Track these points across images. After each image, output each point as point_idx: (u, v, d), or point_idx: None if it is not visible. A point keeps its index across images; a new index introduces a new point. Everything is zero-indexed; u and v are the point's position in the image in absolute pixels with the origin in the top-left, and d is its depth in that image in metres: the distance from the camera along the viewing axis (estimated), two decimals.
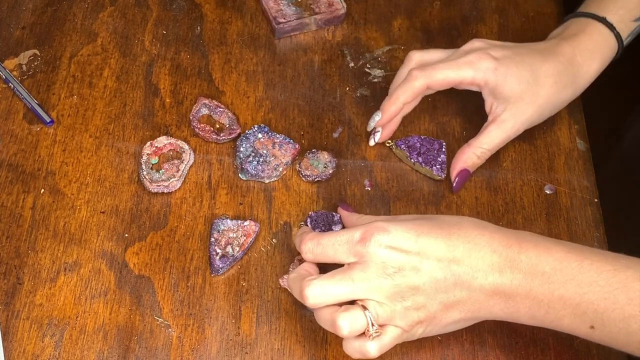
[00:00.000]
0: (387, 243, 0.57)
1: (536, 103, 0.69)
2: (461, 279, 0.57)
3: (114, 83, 0.78)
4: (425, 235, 0.58)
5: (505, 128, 0.70)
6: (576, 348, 0.65)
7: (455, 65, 0.69)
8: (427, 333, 0.60)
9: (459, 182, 0.71)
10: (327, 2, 0.82)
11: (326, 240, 0.59)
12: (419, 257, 0.57)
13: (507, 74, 0.68)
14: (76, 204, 0.70)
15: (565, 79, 0.70)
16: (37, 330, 0.64)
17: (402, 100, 0.70)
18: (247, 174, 0.72)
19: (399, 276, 0.57)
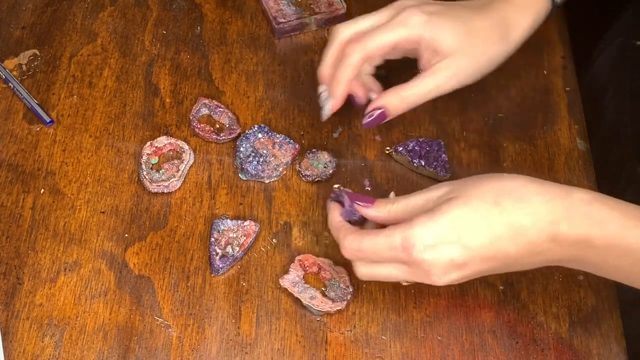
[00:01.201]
0: (431, 246, 0.57)
1: (471, 54, 0.68)
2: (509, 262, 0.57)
3: (114, 83, 0.78)
4: (466, 231, 0.56)
5: (438, 77, 0.68)
6: (576, 348, 0.65)
7: (387, 27, 0.67)
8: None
9: (371, 120, 0.68)
10: (327, 2, 0.82)
11: (367, 246, 0.59)
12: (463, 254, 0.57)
13: (440, 27, 0.67)
14: (76, 204, 0.70)
15: (498, 33, 0.69)
16: (37, 330, 0.64)
17: (346, 79, 0.68)
18: (247, 174, 0.72)
19: (444, 278, 0.58)
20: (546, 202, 0.56)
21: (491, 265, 0.58)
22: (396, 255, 0.58)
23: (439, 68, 0.68)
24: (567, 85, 0.80)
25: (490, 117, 0.78)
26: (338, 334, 0.65)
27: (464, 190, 0.58)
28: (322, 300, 0.65)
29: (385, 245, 0.58)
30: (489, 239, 0.56)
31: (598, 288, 0.68)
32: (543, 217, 0.56)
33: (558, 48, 0.82)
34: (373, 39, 0.67)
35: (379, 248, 0.58)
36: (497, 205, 0.57)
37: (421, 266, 0.57)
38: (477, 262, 0.57)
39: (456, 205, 0.57)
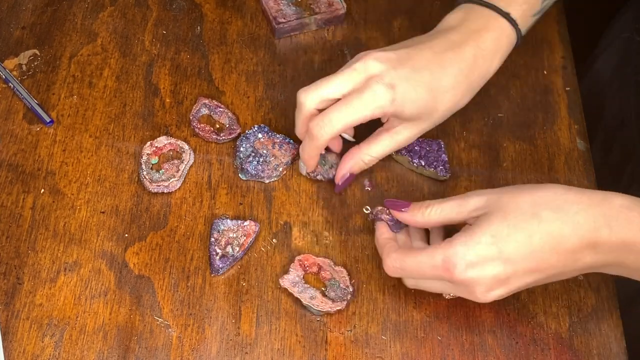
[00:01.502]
0: (473, 264, 0.57)
1: (432, 119, 0.69)
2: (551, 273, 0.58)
3: (114, 83, 0.78)
4: (507, 245, 0.57)
5: (398, 139, 0.69)
6: (576, 348, 0.65)
7: (351, 109, 0.65)
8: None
9: (343, 184, 0.71)
10: (327, 2, 0.82)
11: (409, 265, 0.61)
12: (505, 269, 0.58)
13: (404, 101, 0.66)
14: (76, 204, 0.70)
15: (464, 88, 0.69)
16: (37, 330, 0.64)
17: (314, 155, 0.69)
18: (248, 174, 0.72)
19: (489, 295, 0.59)
20: (585, 210, 0.57)
21: (534, 277, 0.58)
22: (438, 275, 0.59)
23: (398, 132, 0.69)
24: (567, 85, 0.80)
25: (490, 117, 0.78)
26: (338, 334, 0.65)
27: (500, 203, 0.59)
28: (322, 300, 0.65)
29: (428, 265, 0.59)
30: (531, 252, 0.57)
31: (598, 288, 0.68)
32: (582, 225, 0.56)
33: (558, 48, 0.82)
34: (338, 120, 0.65)
35: (421, 267, 0.60)
36: (536, 217, 0.57)
37: (464, 284, 0.58)
38: (520, 275, 0.58)
39: (495, 221, 0.58)
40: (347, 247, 0.69)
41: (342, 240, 0.70)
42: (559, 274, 0.59)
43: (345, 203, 0.72)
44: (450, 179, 0.73)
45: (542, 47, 0.82)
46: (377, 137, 0.69)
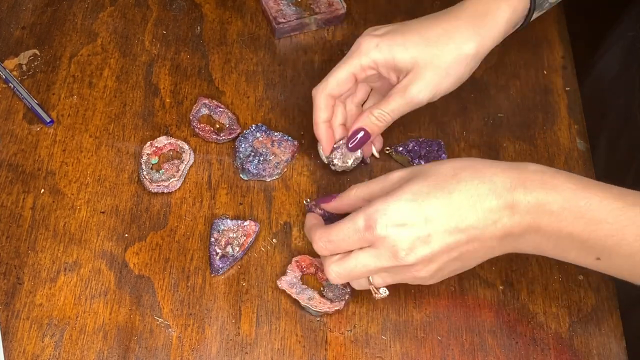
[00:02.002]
0: (392, 222, 0.57)
1: (434, 64, 0.66)
2: (471, 234, 0.57)
3: (114, 83, 0.78)
4: (427, 202, 0.57)
5: (408, 94, 0.67)
6: (576, 348, 0.65)
7: (343, 62, 0.68)
8: (442, 278, 0.61)
9: (357, 142, 0.69)
10: (327, 2, 0.82)
11: (334, 236, 0.60)
12: (426, 228, 0.57)
13: (391, 44, 0.66)
14: (76, 204, 0.70)
15: (465, 30, 0.66)
16: (37, 330, 0.64)
17: (320, 121, 0.69)
18: (249, 174, 0.72)
19: (411, 254, 0.57)
20: (502, 172, 0.58)
21: (455, 238, 0.57)
22: (362, 237, 0.58)
23: (404, 84, 0.67)
24: (567, 85, 0.80)
25: (490, 117, 0.78)
26: (338, 334, 0.65)
27: (421, 170, 0.60)
28: (320, 300, 0.65)
29: (351, 229, 0.59)
30: (449, 209, 0.57)
31: (598, 288, 0.68)
32: (500, 185, 0.57)
33: (558, 48, 0.82)
34: (332, 76, 0.68)
35: (345, 233, 0.59)
36: (455, 177, 0.58)
37: (386, 243, 0.57)
38: (440, 233, 0.57)
39: (415, 182, 0.59)
40: None
41: None
42: (480, 243, 0.58)
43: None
44: None
45: (542, 47, 0.82)
46: (388, 95, 0.68)
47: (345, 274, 0.60)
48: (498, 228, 0.57)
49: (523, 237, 0.58)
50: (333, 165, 0.72)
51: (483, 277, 0.68)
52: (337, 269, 0.60)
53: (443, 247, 0.58)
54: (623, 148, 0.80)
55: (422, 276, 0.59)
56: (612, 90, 0.83)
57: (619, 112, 0.81)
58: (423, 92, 0.67)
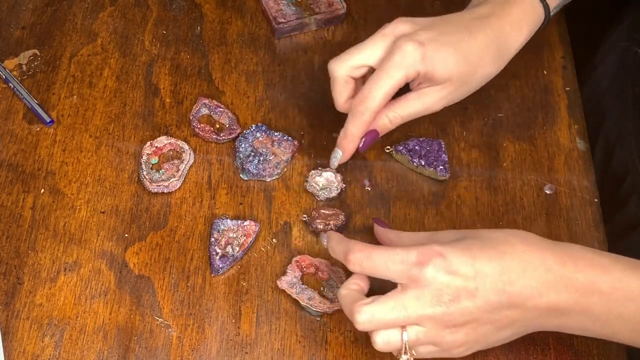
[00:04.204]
0: (444, 268, 0.55)
1: (462, 81, 0.68)
2: (516, 300, 0.55)
3: (114, 83, 0.78)
4: (480, 258, 0.56)
5: (426, 101, 0.67)
6: (576, 348, 0.65)
7: (386, 75, 0.65)
8: (475, 351, 0.59)
9: (366, 142, 0.68)
10: (327, 2, 0.82)
11: (378, 257, 0.57)
12: (475, 282, 0.55)
13: (434, 59, 0.65)
14: (76, 204, 0.70)
15: (493, 53, 0.68)
16: (37, 330, 0.64)
17: (358, 135, 0.68)
18: (249, 174, 0.72)
19: (454, 304, 0.55)
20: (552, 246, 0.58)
21: (501, 300, 0.55)
22: (407, 271, 0.55)
23: (427, 92, 0.67)
24: (567, 85, 0.80)
25: (490, 117, 0.78)
26: (338, 334, 0.65)
27: (475, 232, 0.59)
28: (320, 300, 0.65)
29: (399, 258, 0.56)
30: (500, 270, 0.55)
31: None
32: (551, 259, 0.56)
33: (558, 48, 0.82)
34: (377, 90, 0.65)
35: (391, 259, 0.56)
36: (507, 243, 0.57)
37: (432, 286, 0.55)
38: (487, 291, 0.55)
39: (469, 239, 0.58)
40: None
41: None
42: (522, 312, 0.56)
43: (345, 203, 0.72)
44: (450, 179, 0.73)
45: (542, 47, 0.82)
46: (405, 97, 0.68)
47: (377, 320, 0.56)
48: (543, 301, 0.56)
49: (568, 315, 0.57)
50: (317, 196, 0.72)
51: None
52: (370, 310, 0.56)
53: (485, 305, 0.55)
54: (617, 160, 0.80)
55: (457, 339, 0.56)
56: (607, 100, 0.83)
57: (614, 124, 0.81)
58: (441, 102, 0.68)
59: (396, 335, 0.56)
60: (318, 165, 0.73)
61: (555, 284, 0.56)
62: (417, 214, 0.71)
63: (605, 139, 0.81)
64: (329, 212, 0.69)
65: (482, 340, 0.58)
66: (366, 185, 0.73)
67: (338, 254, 0.60)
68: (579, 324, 0.57)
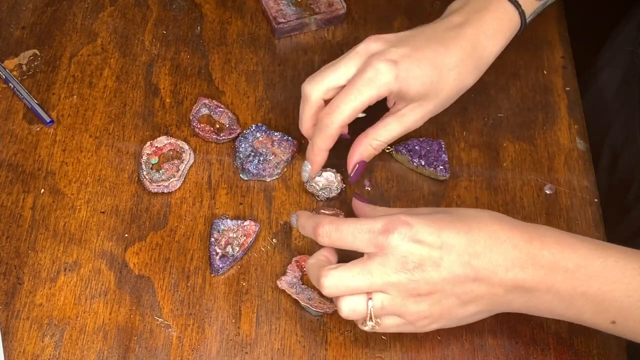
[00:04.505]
0: (410, 236, 0.56)
1: (438, 98, 0.67)
2: (481, 274, 0.57)
3: (114, 83, 0.78)
4: (447, 229, 0.57)
5: (405, 122, 0.68)
6: (576, 348, 0.65)
7: (356, 91, 0.64)
8: (439, 326, 0.59)
9: (356, 173, 0.69)
10: (327, 2, 0.82)
11: (346, 227, 0.58)
12: (440, 251, 0.56)
13: (408, 77, 0.65)
14: (76, 204, 0.70)
15: (468, 66, 0.68)
16: (37, 330, 0.64)
17: (324, 148, 0.68)
18: (249, 174, 0.72)
19: (418, 271, 0.56)
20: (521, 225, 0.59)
21: (465, 273, 0.56)
22: (373, 239, 0.57)
23: (404, 114, 0.67)
24: (567, 85, 0.80)
25: (490, 117, 0.78)
26: (338, 334, 0.65)
27: (447, 209, 0.61)
28: (320, 300, 0.65)
29: (365, 227, 0.57)
30: (466, 243, 0.57)
31: None
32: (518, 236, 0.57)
33: (558, 48, 0.82)
34: (345, 105, 0.65)
35: (358, 229, 0.57)
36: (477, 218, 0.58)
37: (396, 252, 0.56)
38: (452, 262, 0.56)
39: (440, 212, 0.59)
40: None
41: None
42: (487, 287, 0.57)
43: (345, 203, 0.72)
44: (450, 179, 0.73)
45: (542, 47, 0.82)
46: (384, 122, 0.68)
47: (342, 285, 0.57)
48: (509, 277, 0.56)
49: (533, 294, 0.57)
50: (317, 196, 0.72)
51: None
52: (337, 274, 0.57)
53: (450, 276, 0.56)
54: (624, 165, 0.80)
55: (421, 310, 0.57)
56: (612, 108, 0.83)
57: (619, 131, 0.81)
58: (421, 120, 0.68)
59: (362, 303, 0.57)
60: None
61: (521, 261, 0.56)
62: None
63: (611, 145, 0.81)
64: (329, 212, 0.69)
65: (447, 315, 0.58)
66: (366, 185, 0.73)
67: (308, 230, 0.61)
68: (544, 304, 0.58)
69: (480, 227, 0.57)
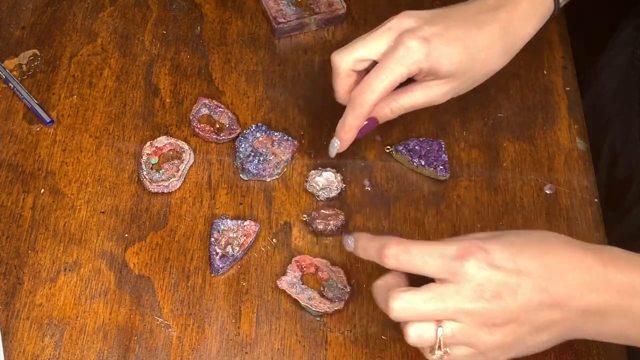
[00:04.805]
0: (487, 262, 0.53)
1: (467, 77, 0.67)
2: (557, 299, 0.53)
3: (114, 83, 0.78)
4: (521, 254, 0.54)
5: (429, 94, 0.67)
6: (576, 348, 0.65)
7: (389, 70, 0.64)
8: (509, 357, 0.56)
9: (365, 128, 0.68)
10: (327, 2, 0.82)
11: (416, 250, 0.54)
12: (517, 278, 0.53)
13: (439, 57, 0.64)
14: (76, 204, 0.70)
15: (499, 49, 0.67)
16: (37, 330, 0.64)
17: (356, 125, 0.67)
18: (249, 174, 0.72)
19: (496, 300, 0.52)
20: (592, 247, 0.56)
21: (542, 300, 0.53)
22: (446, 265, 0.53)
23: (431, 85, 0.67)
24: (567, 85, 0.80)
25: (490, 117, 0.78)
26: (338, 334, 0.65)
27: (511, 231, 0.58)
28: (320, 300, 0.65)
29: (437, 252, 0.53)
30: (542, 268, 0.54)
31: None
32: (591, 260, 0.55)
33: (558, 48, 0.82)
34: (378, 84, 0.64)
35: (429, 252, 0.54)
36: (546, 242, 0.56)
37: (472, 281, 0.52)
38: (529, 288, 0.53)
39: (509, 234, 0.56)
40: None
41: (342, 240, 0.69)
42: (562, 313, 0.54)
43: (345, 203, 0.72)
44: (450, 179, 0.73)
45: (542, 47, 0.82)
46: (408, 88, 0.67)
47: (413, 309, 0.53)
48: (584, 302, 0.54)
49: (608, 318, 0.55)
50: (317, 196, 0.72)
51: None
52: (407, 297, 0.53)
53: (526, 303, 0.53)
54: (624, 165, 0.79)
55: (494, 340, 0.53)
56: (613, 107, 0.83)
57: (619, 131, 0.81)
58: (445, 96, 0.67)
59: (431, 330, 0.53)
60: (318, 165, 0.73)
61: (596, 285, 0.54)
62: (417, 214, 0.71)
63: (611, 145, 0.81)
64: (329, 212, 0.69)
65: (519, 344, 0.55)
66: (366, 185, 0.73)
67: (371, 251, 0.57)
68: (619, 328, 0.55)
69: (554, 252, 0.55)
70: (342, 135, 0.68)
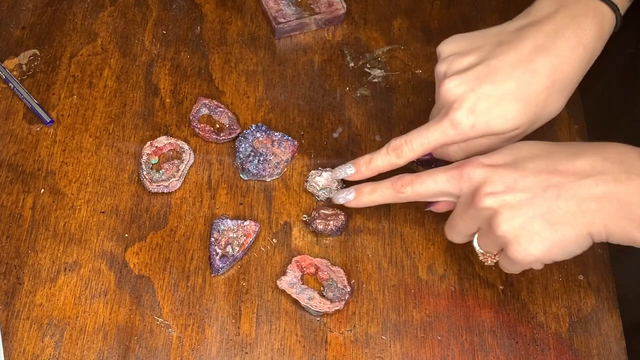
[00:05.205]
0: (487, 162, 0.59)
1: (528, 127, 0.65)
2: (558, 169, 0.58)
3: (114, 83, 0.78)
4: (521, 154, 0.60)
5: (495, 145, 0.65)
6: (576, 348, 0.65)
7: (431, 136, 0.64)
8: (523, 230, 0.57)
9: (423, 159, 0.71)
10: (327, 2, 0.82)
11: (425, 175, 0.62)
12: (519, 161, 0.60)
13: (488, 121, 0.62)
14: (76, 204, 0.71)
15: (560, 97, 0.63)
16: (37, 330, 0.64)
17: (380, 170, 0.66)
18: (249, 174, 0.72)
19: (509, 186, 0.58)
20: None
21: (542, 182, 0.57)
22: (450, 176, 0.61)
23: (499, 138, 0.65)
24: None
25: None
26: (338, 334, 0.65)
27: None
28: (320, 300, 0.65)
29: (441, 169, 0.61)
30: (539, 150, 0.59)
31: (598, 288, 0.68)
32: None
33: None
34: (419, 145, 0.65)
35: (434, 172, 0.62)
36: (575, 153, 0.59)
37: (476, 183, 0.59)
38: (530, 177, 0.57)
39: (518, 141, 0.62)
40: (347, 247, 0.69)
41: (342, 240, 0.70)
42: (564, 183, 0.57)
43: None
44: None
45: None
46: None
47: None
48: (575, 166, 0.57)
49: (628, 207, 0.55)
50: (317, 196, 0.72)
51: (483, 277, 0.68)
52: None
53: (530, 193, 0.57)
54: None
55: (509, 212, 0.57)
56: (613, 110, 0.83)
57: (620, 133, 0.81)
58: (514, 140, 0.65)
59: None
60: (318, 165, 0.73)
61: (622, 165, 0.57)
62: (417, 214, 0.71)
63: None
64: (329, 212, 0.69)
65: (533, 216, 0.57)
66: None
67: (382, 189, 0.65)
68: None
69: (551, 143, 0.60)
70: (363, 172, 0.67)
